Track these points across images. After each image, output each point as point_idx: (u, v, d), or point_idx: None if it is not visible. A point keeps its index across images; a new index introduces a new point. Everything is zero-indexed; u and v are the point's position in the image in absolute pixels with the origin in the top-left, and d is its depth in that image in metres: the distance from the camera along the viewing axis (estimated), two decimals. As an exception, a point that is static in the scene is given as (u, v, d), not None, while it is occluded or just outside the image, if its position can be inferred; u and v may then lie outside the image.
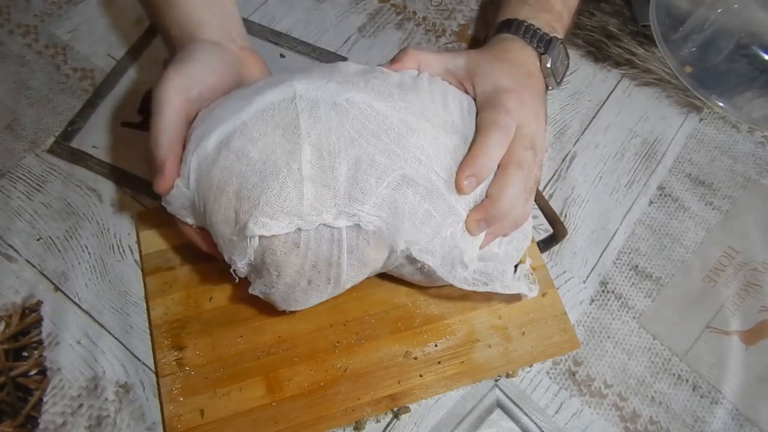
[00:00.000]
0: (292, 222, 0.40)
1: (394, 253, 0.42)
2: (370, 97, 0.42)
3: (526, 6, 0.53)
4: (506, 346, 0.49)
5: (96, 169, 0.55)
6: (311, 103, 0.41)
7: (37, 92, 0.58)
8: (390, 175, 0.41)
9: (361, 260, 0.42)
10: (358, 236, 0.41)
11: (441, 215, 0.42)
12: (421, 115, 0.43)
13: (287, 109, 0.41)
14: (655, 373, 0.51)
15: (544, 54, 0.50)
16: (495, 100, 0.45)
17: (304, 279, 0.42)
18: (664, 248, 0.56)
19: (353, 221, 0.40)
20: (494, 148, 0.43)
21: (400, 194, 0.41)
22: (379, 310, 0.49)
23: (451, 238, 0.42)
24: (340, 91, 0.42)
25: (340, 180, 0.40)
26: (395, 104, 0.42)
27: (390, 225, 0.41)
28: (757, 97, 0.61)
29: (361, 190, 0.40)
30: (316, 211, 0.40)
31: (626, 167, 0.60)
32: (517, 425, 0.49)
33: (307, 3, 0.65)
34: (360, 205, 0.40)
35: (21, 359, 0.47)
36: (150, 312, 0.48)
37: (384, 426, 0.48)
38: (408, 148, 0.41)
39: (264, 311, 0.49)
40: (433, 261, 0.42)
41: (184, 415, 0.45)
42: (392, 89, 0.43)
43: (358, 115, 0.41)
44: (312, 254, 0.41)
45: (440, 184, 0.42)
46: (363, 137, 0.41)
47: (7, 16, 0.62)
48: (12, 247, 0.52)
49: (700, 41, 0.62)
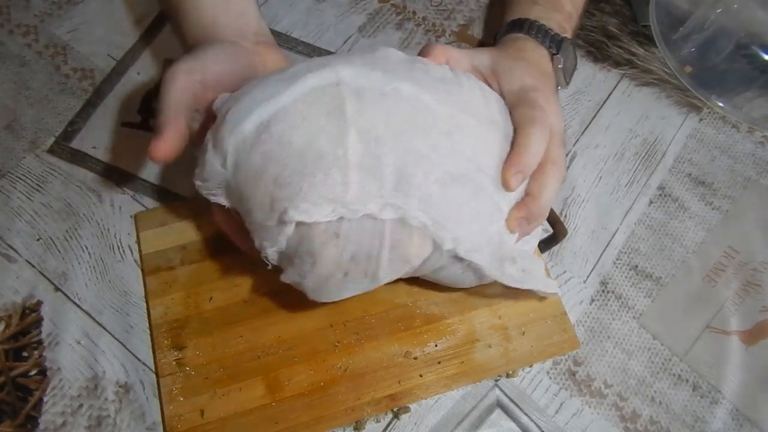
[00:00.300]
0: (336, 210, 0.37)
1: (438, 251, 0.41)
2: (417, 89, 0.40)
3: (538, 6, 0.53)
4: (506, 346, 0.49)
5: (96, 169, 0.55)
6: (357, 89, 0.40)
7: (37, 92, 0.58)
8: (438, 171, 0.39)
9: (402, 256, 0.40)
10: (402, 231, 0.39)
11: (488, 213, 0.41)
12: (467, 111, 0.42)
13: (332, 93, 0.39)
14: (655, 373, 0.51)
15: (557, 54, 0.50)
16: (527, 98, 0.45)
17: (341, 271, 0.40)
18: (664, 248, 0.56)
19: (399, 214, 0.38)
20: (537, 144, 0.43)
21: (449, 190, 0.39)
22: (379, 310, 0.49)
23: (497, 235, 0.42)
24: (388, 81, 0.40)
25: (387, 171, 0.38)
26: (441, 97, 0.41)
27: (436, 222, 0.39)
28: (757, 97, 0.61)
29: (408, 183, 0.38)
30: (361, 200, 0.37)
31: (626, 167, 0.60)
32: (517, 425, 0.49)
33: (307, 3, 0.65)
34: (406, 199, 0.38)
35: (21, 359, 0.47)
36: (150, 312, 0.48)
37: (384, 426, 0.48)
38: (456, 144, 0.40)
39: (264, 311, 0.49)
40: (481, 259, 0.41)
41: (184, 415, 0.45)
42: (436, 83, 0.42)
43: (406, 107, 0.40)
44: (352, 245, 0.39)
45: (487, 181, 0.41)
46: (412, 129, 0.39)
47: (7, 16, 0.62)
48: (12, 248, 0.52)
49: (700, 41, 0.62)
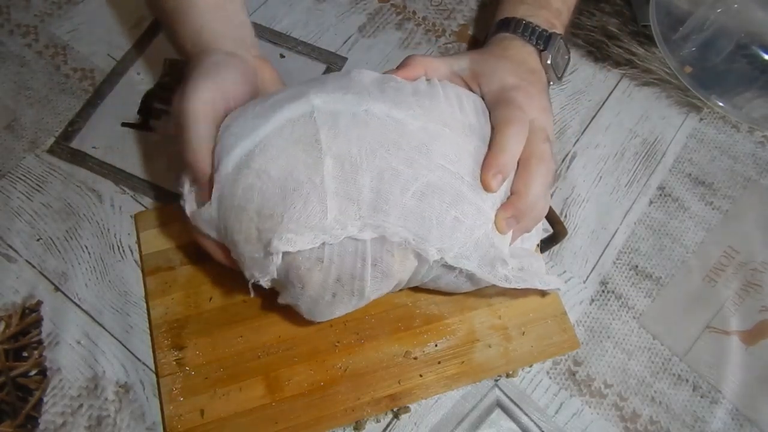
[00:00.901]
0: (317, 237, 0.39)
1: (426, 263, 0.42)
2: (389, 107, 0.42)
3: (524, 5, 0.53)
4: (506, 346, 0.49)
5: (96, 169, 0.55)
6: (330, 116, 0.41)
7: (37, 92, 0.58)
8: (414, 185, 0.40)
9: (385, 273, 0.42)
10: (383, 248, 0.41)
11: (470, 218, 0.41)
12: (440, 121, 0.42)
13: (306, 123, 0.41)
14: (655, 373, 0.51)
15: (544, 50, 0.50)
16: (505, 98, 0.45)
17: (329, 293, 0.42)
18: (664, 248, 0.56)
19: (378, 233, 0.40)
20: (514, 143, 0.43)
21: (426, 203, 0.40)
22: (379, 310, 0.49)
23: (485, 238, 0.42)
24: (359, 102, 0.42)
25: (364, 192, 0.40)
26: (413, 112, 0.42)
27: (417, 235, 0.40)
28: (757, 97, 0.61)
29: (385, 201, 0.40)
30: (340, 224, 0.39)
31: (626, 167, 0.60)
32: (517, 425, 0.49)
33: (307, 3, 0.65)
34: (385, 216, 0.40)
35: (21, 359, 0.47)
36: (150, 312, 0.48)
37: (384, 426, 0.48)
38: (430, 156, 0.41)
39: (264, 311, 0.49)
40: (470, 265, 0.42)
41: (184, 415, 0.45)
42: (408, 97, 0.43)
43: (378, 126, 0.41)
44: (335, 268, 0.41)
45: (465, 187, 0.41)
46: (384, 147, 0.41)
47: (7, 16, 0.62)
48: (12, 248, 0.52)
49: (700, 41, 0.62)
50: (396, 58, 0.63)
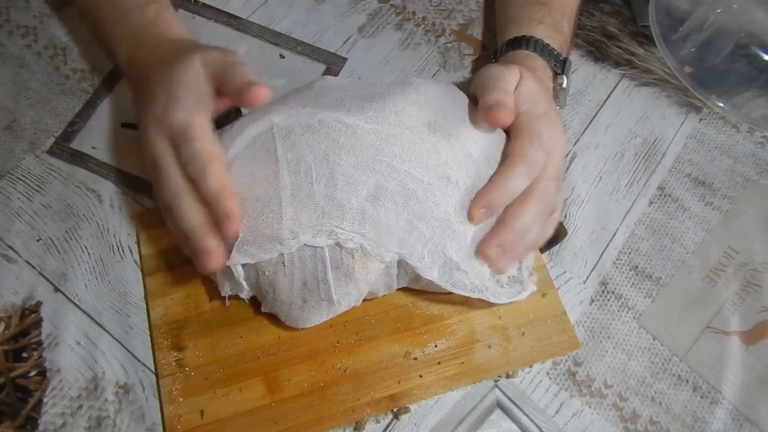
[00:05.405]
0: (273, 247, 0.41)
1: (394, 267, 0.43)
2: (341, 114, 0.43)
3: (542, 25, 0.53)
4: (506, 347, 0.49)
5: (96, 169, 0.55)
6: (286, 130, 0.43)
7: (37, 93, 0.58)
8: (364, 188, 0.41)
9: (347, 275, 0.42)
10: (341, 252, 0.41)
11: (425, 221, 0.42)
12: (395, 122, 0.43)
13: (266, 140, 0.43)
14: (655, 373, 0.51)
15: (561, 74, 0.49)
16: (530, 128, 0.44)
17: (298, 297, 0.43)
18: (664, 248, 0.56)
19: (332, 239, 0.41)
20: (516, 182, 0.42)
21: (379, 206, 0.41)
22: (379, 311, 0.49)
23: (441, 242, 0.42)
24: (313, 114, 0.43)
25: (318, 198, 0.41)
26: (366, 115, 0.43)
27: (371, 240, 0.41)
28: (757, 97, 0.61)
29: (338, 206, 0.41)
30: (293, 233, 0.41)
31: (626, 167, 0.60)
32: (517, 425, 0.49)
33: (307, 3, 0.65)
34: (338, 222, 0.41)
35: (21, 360, 0.47)
36: (150, 312, 0.48)
37: (384, 426, 0.48)
38: (381, 158, 0.42)
39: (264, 312, 0.48)
40: (430, 272, 0.43)
41: (184, 416, 0.45)
42: (363, 102, 0.44)
43: (329, 133, 0.42)
44: (299, 272, 0.42)
45: (420, 189, 0.42)
46: (335, 153, 0.41)
47: (6, 16, 0.62)
48: (12, 248, 0.52)
49: (700, 41, 0.62)
50: (396, 59, 0.63)
